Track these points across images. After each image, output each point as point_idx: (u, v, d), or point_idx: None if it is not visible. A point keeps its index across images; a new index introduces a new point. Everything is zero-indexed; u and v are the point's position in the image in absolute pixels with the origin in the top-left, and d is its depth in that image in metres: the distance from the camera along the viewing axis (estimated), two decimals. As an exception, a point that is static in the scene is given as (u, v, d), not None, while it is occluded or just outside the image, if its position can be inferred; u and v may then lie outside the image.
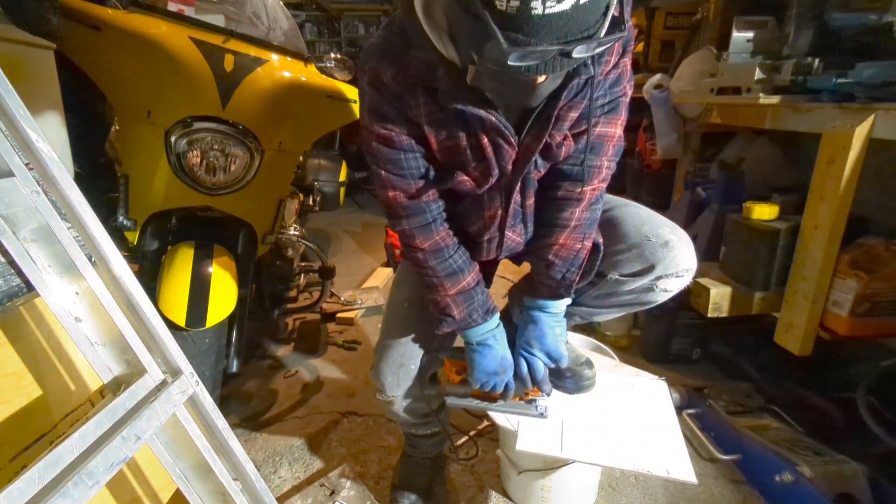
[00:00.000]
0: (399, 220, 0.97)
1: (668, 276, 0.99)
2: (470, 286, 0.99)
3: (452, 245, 0.99)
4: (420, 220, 0.96)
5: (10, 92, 0.60)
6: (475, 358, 1.02)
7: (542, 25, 0.59)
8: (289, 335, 2.25)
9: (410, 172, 0.93)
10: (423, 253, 0.97)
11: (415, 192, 0.94)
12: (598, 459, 1.03)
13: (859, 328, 1.30)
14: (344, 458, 1.49)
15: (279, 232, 1.73)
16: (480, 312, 0.99)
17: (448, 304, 0.98)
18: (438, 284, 0.98)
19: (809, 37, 1.44)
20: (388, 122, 0.88)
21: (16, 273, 0.68)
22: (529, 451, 1.03)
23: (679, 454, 1.03)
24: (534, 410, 1.09)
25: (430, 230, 0.97)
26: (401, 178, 0.93)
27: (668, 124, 1.96)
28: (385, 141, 0.89)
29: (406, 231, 0.97)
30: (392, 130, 0.89)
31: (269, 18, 1.64)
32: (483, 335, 1.00)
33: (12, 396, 0.73)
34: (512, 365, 1.03)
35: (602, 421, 1.12)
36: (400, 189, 0.94)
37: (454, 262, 0.98)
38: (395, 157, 0.91)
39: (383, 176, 0.93)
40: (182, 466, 0.76)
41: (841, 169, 1.22)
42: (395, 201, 0.94)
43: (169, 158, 1.33)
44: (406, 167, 0.92)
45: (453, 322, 0.99)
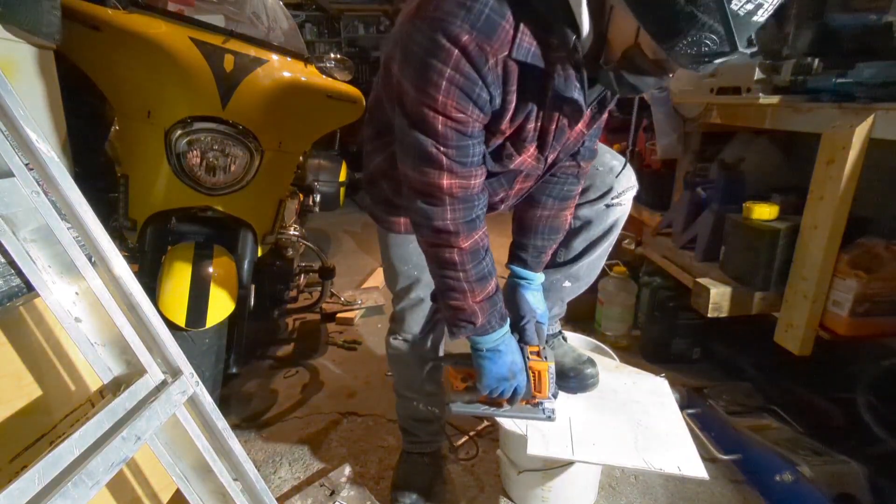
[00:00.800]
0: (443, 213, 0.86)
1: (625, 192, 1.11)
2: (494, 291, 0.95)
3: (486, 246, 0.93)
4: (467, 215, 0.88)
5: (10, 92, 0.60)
6: (485, 364, 0.99)
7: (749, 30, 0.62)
8: (289, 335, 2.25)
9: (472, 160, 0.85)
10: (462, 254, 0.89)
11: (472, 183, 0.87)
12: (610, 460, 1.03)
13: (859, 328, 1.30)
14: (344, 458, 1.49)
15: (279, 232, 1.73)
16: (497, 318, 0.96)
17: (475, 311, 0.93)
18: (468, 290, 0.91)
19: (809, 37, 1.44)
20: (474, 106, 0.78)
21: (16, 273, 0.68)
22: (541, 454, 1.03)
23: (688, 451, 1.03)
24: (541, 414, 1.09)
25: (473, 227, 0.90)
26: (462, 166, 0.84)
27: (668, 124, 1.96)
28: (460, 125, 0.80)
29: (448, 227, 0.87)
30: (471, 116, 0.79)
31: (269, 18, 1.64)
32: (495, 341, 0.98)
33: (12, 397, 0.73)
34: (521, 369, 1.02)
35: (608, 421, 1.12)
36: (458, 177, 0.84)
37: (486, 265, 0.93)
38: (464, 144, 0.82)
39: (443, 162, 0.82)
40: (182, 467, 0.76)
41: (841, 169, 1.22)
42: (449, 191, 0.85)
43: (169, 159, 1.33)
44: (471, 154, 0.84)
45: (472, 329, 0.95)
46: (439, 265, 0.93)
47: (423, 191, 0.86)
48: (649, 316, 2.03)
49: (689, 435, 1.08)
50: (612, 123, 2.82)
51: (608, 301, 2.09)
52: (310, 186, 2.15)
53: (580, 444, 1.05)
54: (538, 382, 1.06)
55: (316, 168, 2.16)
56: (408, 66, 0.78)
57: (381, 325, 2.33)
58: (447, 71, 0.74)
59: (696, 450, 1.04)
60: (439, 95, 0.76)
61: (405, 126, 0.82)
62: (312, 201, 2.17)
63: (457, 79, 0.75)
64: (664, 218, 2.08)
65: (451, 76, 0.74)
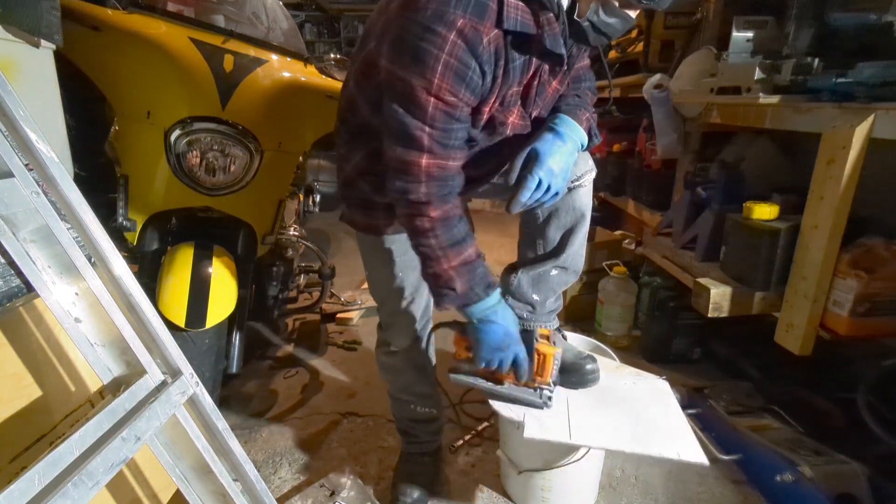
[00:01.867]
0: (417, 188, 0.90)
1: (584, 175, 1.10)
2: (472, 258, 0.96)
3: (459, 214, 0.95)
4: (442, 190, 0.91)
5: (10, 92, 0.60)
6: (479, 336, 1.01)
7: None
8: (289, 335, 2.25)
9: (454, 143, 0.89)
10: (431, 221, 0.92)
11: (449, 164, 0.90)
12: (608, 444, 1.03)
13: (859, 328, 1.30)
14: (344, 458, 1.49)
15: (279, 232, 1.73)
16: (482, 286, 0.97)
17: (451, 277, 0.95)
18: (441, 256, 0.94)
19: (809, 37, 1.44)
20: (466, 89, 0.83)
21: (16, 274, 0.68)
22: (536, 437, 1.03)
23: (687, 437, 1.04)
24: (538, 399, 1.09)
25: (446, 200, 0.93)
26: (443, 148, 0.88)
27: (668, 124, 1.96)
28: (450, 108, 0.84)
29: (421, 198, 0.91)
30: (462, 100, 0.84)
31: (268, 19, 1.64)
32: (485, 311, 0.98)
33: (12, 397, 0.73)
34: (516, 342, 1.01)
35: (608, 412, 1.13)
36: (439, 158, 0.88)
37: (459, 231, 0.95)
38: (450, 128, 0.86)
39: (425, 142, 0.86)
40: (182, 467, 0.76)
41: (841, 169, 1.22)
42: (427, 169, 0.89)
43: (168, 159, 1.33)
44: (454, 138, 0.88)
45: (455, 296, 0.96)
46: (414, 233, 0.96)
47: (403, 169, 0.90)
48: (649, 316, 2.03)
49: (689, 428, 1.08)
50: (612, 123, 2.82)
51: (608, 301, 2.09)
52: (310, 186, 2.15)
53: (579, 428, 1.05)
54: (542, 366, 1.06)
55: (316, 168, 2.16)
56: (402, 55, 0.82)
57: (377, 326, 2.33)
58: (443, 55, 0.79)
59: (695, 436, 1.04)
60: (435, 78, 0.80)
61: (396, 110, 0.86)
62: (312, 201, 2.17)
63: (451, 62, 0.79)
64: (664, 218, 2.08)
65: (446, 60, 0.79)
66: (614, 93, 2.54)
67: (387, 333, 1.25)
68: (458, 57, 0.80)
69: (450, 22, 0.77)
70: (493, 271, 1.02)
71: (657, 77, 1.93)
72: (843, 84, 1.26)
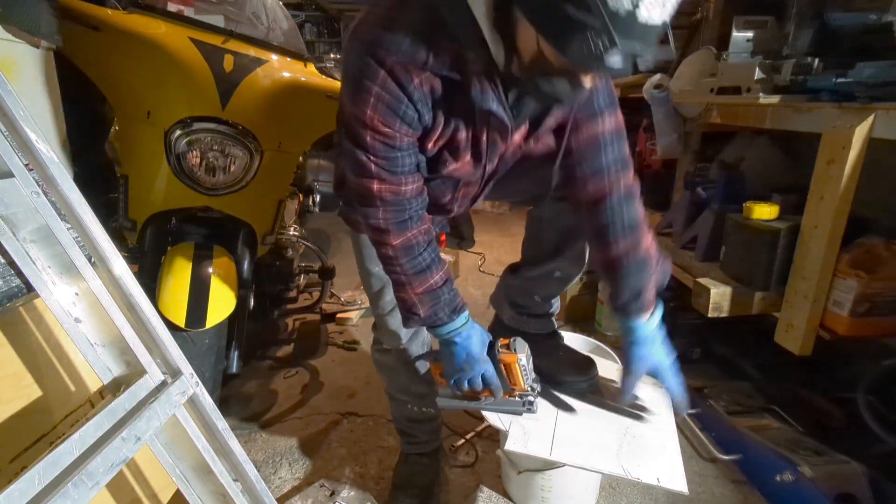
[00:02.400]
0: (375, 213, 0.92)
1: None
2: (437, 285, 0.97)
3: (423, 242, 0.96)
4: (398, 217, 0.92)
5: (10, 92, 0.60)
6: (444, 356, 1.04)
7: (641, 31, 0.64)
8: (289, 336, 2.25)
9: (403, 170, 0.89)
10: (394, 249, 0.94)
11: (402, 189, 0.91)
12: (587, 463, 1.01)
13: (859, 328, 1.30)
14: (344, 458, 1.49)
15: (279, 232, 1.73)
16: (447, 311, 0.98)
17: (414, 303, 0.97)
18: (406, 282, 0.96)
19: (809, 37, 1.44)
20: (401, 122, 0.83)
21: (16, 274, 0.68)
22: (518, 451, 1.03)
23: (673, 462, 1.01)
24: (519, 406, 1.10)
25: (405, 227, 0.94)
26: (391, 174, 0.89)
27: (668, 124, 1.96)
28: (387, 139, 0.85)
29: (381, 225, 0.93)
30: (399, 131, 0.84)
31: (268, 19, 1.64)
32: (449, 334, 1.00)
33: (12, 397, 0.73)
34: (480, 361, 1.02)
35: (596, 425, 1.11)
36: (388, 183, 0.89)
37: (423, 260, 0.96)
38: (393, 156, 0.87)
39: (372, 169, 0.88)
40: (182, 467, 0.76)
41: (841, 169, 1.22)
42: (379, 195, 0.90)
43: (168, 159, 1.33)
44: (401, 164, 0.89)
45: (419, 319, 0.99)
46: (381, 259, 0.99)
47: (359, 192, 0.92)
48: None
49: (678, 446, 1.05)
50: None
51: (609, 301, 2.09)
52: (310, 186, 2.15)
53: (561, 444, 1.04)
54: (510, 375, 1.06)
55: (316, 168, 2.16)
56: (345, 81, 0.86)
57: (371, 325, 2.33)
58: (374, 89, 0.80)
59: (682, 463, 1.01)
60: (367, 110, 0.82)
61: (342, 135, 0.90)
62: (312, 201, 2.17)
63: (383, 96, 0.80)
64: (664, 218, 2.07)
65: (378, 94, 0.80)
66: (614, 93, 2.54)
67: (378, 332, 1.26)
68: (389, 91, 0.80)
69: (380, 58, 0.78)
70: (493, 271, 1.02)
71: (657, 77, 1.93)
72: (843, 84, 1.26)
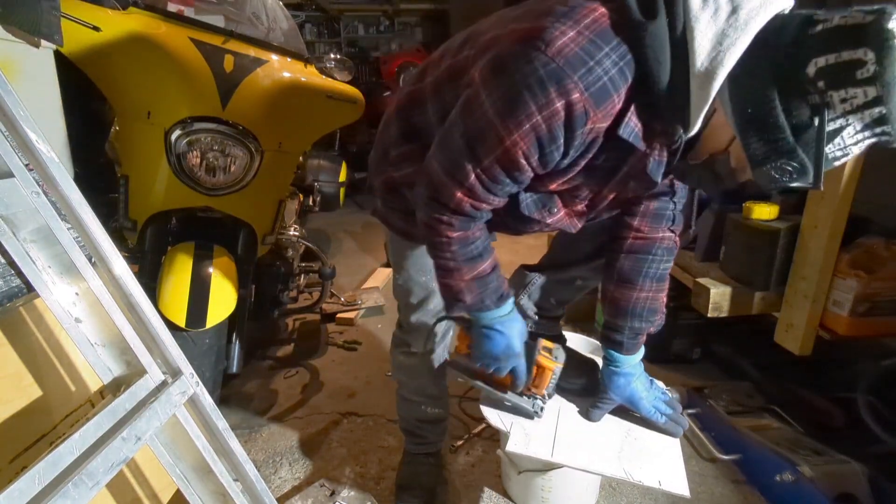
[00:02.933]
0: (442, 209, 0.85)
1: None
2: (486, 272, 0.93)
3: (481, 235, 0.92)
4: (464, 219, 0.87)
5: (10, 92, 0.60)
6: (480, 340, 0.99)
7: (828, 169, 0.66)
8: (289, 335, 2.25)
9: (498, 194, 0.83)
10: (450, 240, 0.89)
11: (483, 206, 0.85)
12: (589, 466, 1.01)
13: (859, 328, 1.30)
14: (344, 458, 1.49)
15: (279, 232, 1.73)
16: (494, 298, 0.94)
17: (461, 290, 0.93)
18: (455, 269, 0.91)
19: (809, 37, 1.44)
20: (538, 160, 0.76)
21: (16, 274, 0.67)
22: (519, 452, 1.02)
23: (674, 465, 1.01)
24: (529, 408, 1.09)
25: (467, 226, 0.88)
26: (485, 192, 0.81)
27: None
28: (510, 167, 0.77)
29: (443, 220, 0.86)
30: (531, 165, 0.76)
31: (268, 19, 1.64)
32: (492, 320, 0.96)
33: (12, 397, 0.73)
34: (517, 355, 0.99)
35: (597, 427, 1.11)
36: (476, 199, 0.82)
37: (476, 248, 0.91)
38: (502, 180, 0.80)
39: (470, 179, 0.79)
40: (182, 467, 0.76)
41: (841, 169, 1.22)
42: (458, 203, 0.83)
43: (169, 159, 1.33)
44: (501, 191, 0.82)
45: (464, 306, 0.95)
46: (430, 245, 0.93)
47: (436, 187, 0.84)
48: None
49: (679, 449, 1.05)
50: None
51: (608, 301, 2.08)
52: (310, 186, 2.15)
53: (562, 446, 1.03)
54: (539, 378, 1.05)
55: (316, 168, 2.16)
56: (500, 86, 0.73)
57: (381, 325, 2.33)
58: (536, 117, 0.70)
59: (683, 466, 1.01)
60: (515, 132, 0.72)
61: (460, 131, 0.79)
62: (312, 201, 2.17)
63: (541, 129, 0.71)
64: (664, 218, 2.07)
65: (536, 124, 0.71)
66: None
67: (409, 336, 1.21)
68: (551, 126, 0.70)
69: (565, 89, 0.67)
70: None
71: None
72: (843, 84, 1.26)
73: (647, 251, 1.01)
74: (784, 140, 0.63)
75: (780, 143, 0.63)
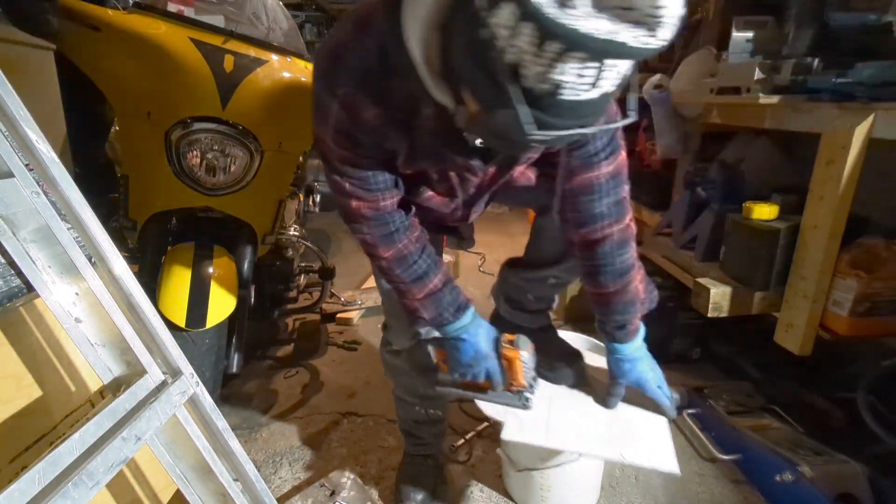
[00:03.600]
0: (361, 229, 0.94)
1: None
2: (437, 288, 0.99)
3: (416, 251, 0.97)
4: (383, 231, 0.94)
5: (10, 92, 0.60)
6: (450, 352, 1.05)
7: (568, 110, 0.57)
8: (289, 335, 2.25)
9: (377, 187, 0.90)
10: (387, 262, 0.96)
11: (381, 205, 0.92)
12: (583, 448, 1.04)
13: (859, 328, 1.30)
14: (344, 458, 1.49)
15: (279, 232, 1.73)
16: (451, 311, 1.00)
17: (417, 308, 0.99)
18: (406, 290, 0.99)
19: (809, 37, 1.44)
20: (358, 146, 0.84)
21: (16, 274, 0.68)
22: (514, 440, 1.05)
23: (664, 446, 1.04)
24: (517, 402, 1.11)
25: (392, 240, 0.95)
26: (367, 192, 0.90)
27: (668, 124, 1.96)
28: (351, 160, 0.86)
29: (368, 240, 0.95)
30: (359, 154, 0.85)
31: (268, 19, 1.64)
32: (456, 331, 1.01)
33: (12, 397, 0.73)
34: (486, 357, 1.03)
35: (588, 412, 1.13)
36: (365, 201, 0.91)
37: (419, 267, 0.97)
38: (362, 175, 0.88)
39: (347, 188, 0.89)
40: (182, 467, 0.76)
41: (841, 169, 1.22)
42: (358, 212, 0.92)
43: (169, 159, 1.33)
44: (373, 183, 0.89)
45: (425, 322, 1.01)
46: (378, 271, 1.02)
47: (343, 213, 0.95)
48: (649, 316, 2.02)
49: (669, 433, 1.08)
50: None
51: (608, 301, 2.08)
52: (310, 186, 2.15)
53: (555, 430, 1.07)
54: (511, 370, 1.07)
55: (316, 168, 2.16)
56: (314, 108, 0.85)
57: (381, 325, 2.33)
58: (330, 117, 0.81)
59: (673, 445, 1.04)
60: (329, 134, 0.83)
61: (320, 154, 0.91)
62: (312, 201, 2.17)
63: (339, 124, 0.81)
64: (664, 218, 2.07)
65: (335, 121, 0.81)
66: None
67: (389, 333, 1.26)
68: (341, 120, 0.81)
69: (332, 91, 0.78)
70: (493, 271, 1.03)
71: (657, 77, 1.93)
72: (842, 84, 1.26)
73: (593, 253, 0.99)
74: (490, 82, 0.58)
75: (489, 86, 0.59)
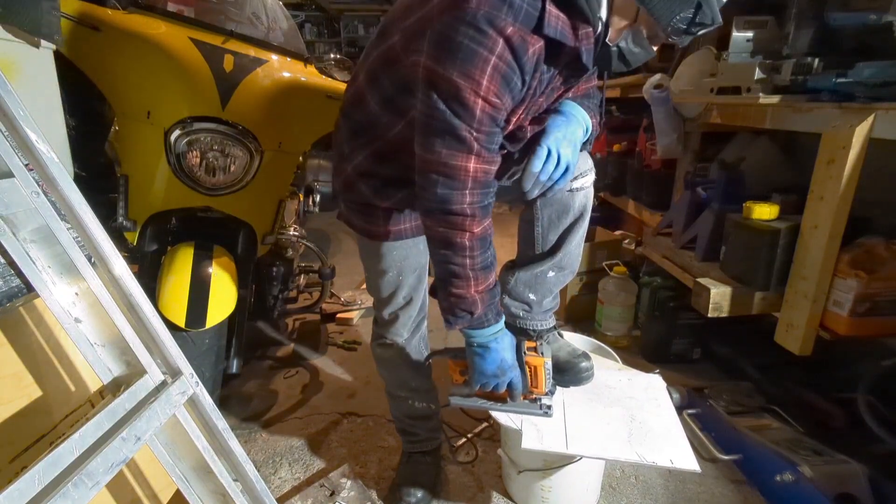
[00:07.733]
0: (461, 197, 0.88)
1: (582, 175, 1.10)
2: (493, 284, 0.97)
3: (491, 236, 0.96)
4: (483, 200, 0.91)
5: (10, 92, 0.60)
6: (475, 360, 1.02)
7: None
8: (289, 335, 2.25)
9: (495, 147, 0.90)
10: (473, 239, 0.91)
11: (492, 169, 0.91)
12: (604, 454, 1.03)
13: (859, 328, 1.30)
14: (344, 458, 1.49)
15: (279, 232, 1.73)
16: (494, 312, 0.98)
17: (475, 301, 0.94)
18: (472, 277, 0.93)
19: (809, 36, 1.44)
20: (509, 94, 0.84)
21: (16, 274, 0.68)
22: (535, 448, 1.04)
23: (681, 445, 1.04)
24: (538, 409, 1.10)
25: (486, 212, 0.92)
26: (488, 152, 0.88)
27: (668, 124, 1.96)
28: (494, 112, 0.84)
29: (465, 210, 0.89)
30: (504, 104, 0.85)
31: (268, 18, 1.64)
32: (487, 337, 0.99)
33: (12, 397, 0.73)
34: (511, 367, 1.03)
35: (603, 416, 1.13)
36: (485, 162, 0.88)
37: (490, 255, 0.95)
38: (493, 132, 0.87)
39: (473, 146, 0.85)
40: (182, 467, 0.76)
41: (841, 169, 1.22)
42: (473, 175, 0.87)
43: (169, 159, 1.33)
44: (495, 142, 0.89)
45: (469, 319, 0.96)
46: (448, 250, 0.93)
47: (447, 173, 0.87)
48: (649, 316, 2.03)
49: (682, 430, 1.09)
50: (612, 123, 2.82)
51: (608, 301, 2.09)
52: (310, 186, 2.15)
53: (574, 438, 1.06)
54: (534, 378, 1.07)
55: (316, 168, 2.16)
56: (450, 54, 0.80)
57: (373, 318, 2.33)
58: (493, 58, 0.79)
59: (690, 444, 1.04)
60: (484, 80, 0.80)
61: (442, 111, 0.83)
62: (312, 201, 2.17)
63: (500, 66, 0.80)
64: (664, 218, 2.07)
65: (496, 63, 0.80)
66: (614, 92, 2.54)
67: (382, 329, 1.25)
68: (506, 61, 0.80)
69: (500, 27, 0.78)
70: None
71: (657, 77, 1.93)
72: (843, 84, 1.26)
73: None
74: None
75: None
